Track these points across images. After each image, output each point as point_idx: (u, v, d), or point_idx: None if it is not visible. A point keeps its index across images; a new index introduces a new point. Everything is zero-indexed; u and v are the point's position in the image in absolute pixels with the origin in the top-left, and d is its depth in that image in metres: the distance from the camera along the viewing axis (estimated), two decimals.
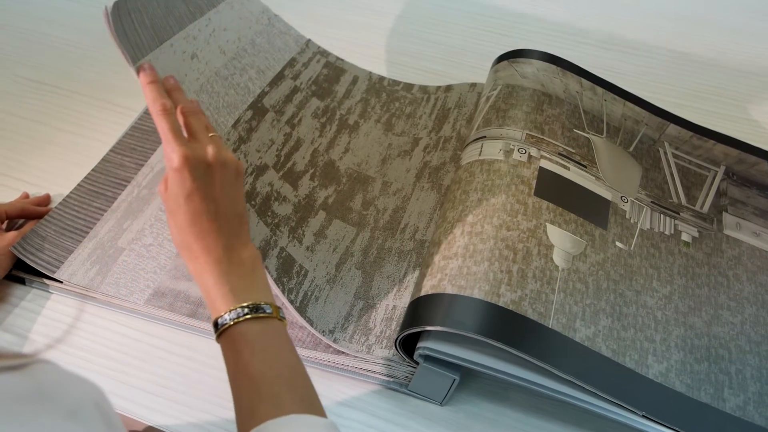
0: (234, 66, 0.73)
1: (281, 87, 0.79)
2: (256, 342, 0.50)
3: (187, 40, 0.66)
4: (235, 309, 0.50)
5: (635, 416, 0.56)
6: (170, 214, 0.53)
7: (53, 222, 0.74)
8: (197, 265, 0.52)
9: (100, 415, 0.35)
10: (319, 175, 0.75)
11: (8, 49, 1.03)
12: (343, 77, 0.89)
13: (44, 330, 0.67)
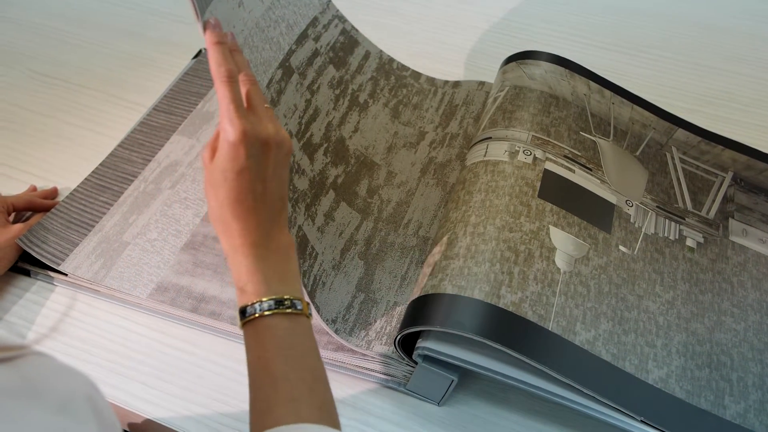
0: (270, 17, 0.68)
1: (305, 47, 0.75)
2: (283, 339, 0.48)
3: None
4: (266, 300, 0.49)
5: (634, 421, 0.55)
6: (212, 187, 0.50)
7: (59, 215, 0.75)
8: (232, 244, 0.50)
9: (91, 407, 0.35)
10: (332, 151, 0.74)
11: (22, 43, 1.04)
12: (357, 49, 0.86)
13: (47, 321, 0.67)
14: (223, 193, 0.49)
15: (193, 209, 0.76)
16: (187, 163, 0.81)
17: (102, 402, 0.37)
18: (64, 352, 0.65)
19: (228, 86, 0.49)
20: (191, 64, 0.96)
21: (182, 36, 1.04)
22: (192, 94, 0.91)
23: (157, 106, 0.89)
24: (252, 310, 0.48)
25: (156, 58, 1.00)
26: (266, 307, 0.48)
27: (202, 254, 0.71)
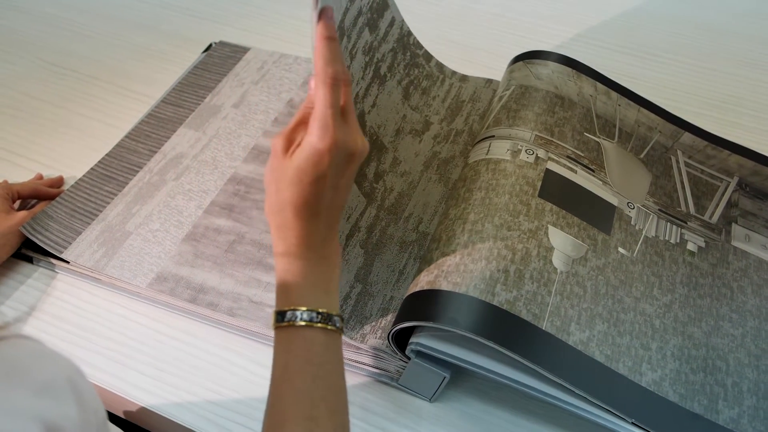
0: None
1: (354, 5, 0.70)
2: (316, 354, 0.47)
3: None
4: (310, 311, 0.48)
5: (625, 423, 0.55)
6: (280, 181, 0.48)
7: (64, 204, 0.76)
8: (286, 243, 0.49)
9: (72, 390, 0.36)
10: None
11: (33, 33, 1.05)
12: (386, 13, 0.81)
13: (47, 308, 0.68)
14: (293, 192, 0.48)
15: (196, 201, 0.76)
16: (192, 155, 0.82)
17: (84, 386, 0.38)
18: (62, 339, 0.65)
19: (331, 90, 0.46)
20: (201, 57, 0.97)
21: (193, 30, 1.05)
22: (201, 88, 0.92)
23: (166, 99, 0.90)
24: (292, 317, 0.47)
25: (166, 51, 1.01)
26: (307, 318, 0.47)
27: (203, 246, 0.72)
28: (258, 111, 0.88)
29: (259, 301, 0.66)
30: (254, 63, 0.95)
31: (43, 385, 0.34)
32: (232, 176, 0.79)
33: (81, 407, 0.36)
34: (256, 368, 0.63)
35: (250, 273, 0.69)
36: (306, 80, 0.91)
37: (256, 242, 0.72)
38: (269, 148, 0.81)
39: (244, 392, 0.61)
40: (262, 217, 0.74)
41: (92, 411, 0.38)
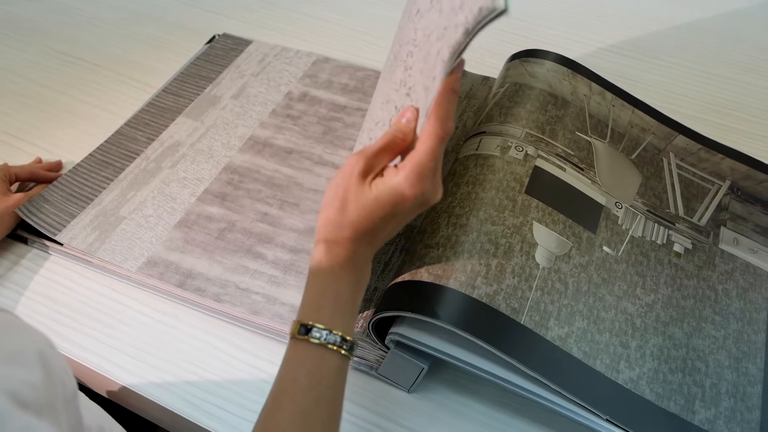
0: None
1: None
2: (326, 377, 0.47)
3: None
4: (336, 334, 0.47)
5: (599, 420, 0.55)
6: (349, 203, 0.48)
7: (60, 187, 0.77)
8: (332, 262, 0.49)
9: (40, 361, 0.37)
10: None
11: (42, 21, 1.06)
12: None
13: (39, 288, 0.69)
14: (360, 219, 0.48)
15: (189, 189, 0.77)
16: (189, 144, 0.83)
17: (55, 359, 0.39)
18: (52, 318, 0.66)
19: (441, 144, 0.46)
20: (204, 49, 0.98)
21: (198, 21, 1.06)
22: (202, 78, 0.93)
23: (167, 88, 0.91)
24: (318, 335, 0.47)
25: (170, 42, 1.02)
26: (331, 341, 0.47)
27: (194, 232, 0.73)
28: (256, 102, 0.88)
29: (245, 288, 0.67)
30: (256, 55, 0.96)
31: (9, 354, 0.35)
32: (226, 165, 0.80)
33: (48, 378, 0.37)
34: (237, 353, 0.64)
35: (238, 260, 0.70)
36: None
37: (246, 230, 0.73)
38: (265, 138, 0.82)
39: (225, 376, 0.62)
40: (253, 206, 0.75)
41: (60, 383, 0.38)
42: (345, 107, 0.88)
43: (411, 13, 0.61)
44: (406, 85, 0.54)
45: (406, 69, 0.55)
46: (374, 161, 0.48)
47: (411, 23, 0.59)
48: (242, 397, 0.61)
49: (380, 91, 0.63)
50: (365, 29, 1.04)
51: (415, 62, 0.53)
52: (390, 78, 0.59)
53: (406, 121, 0.49)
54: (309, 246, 0.71)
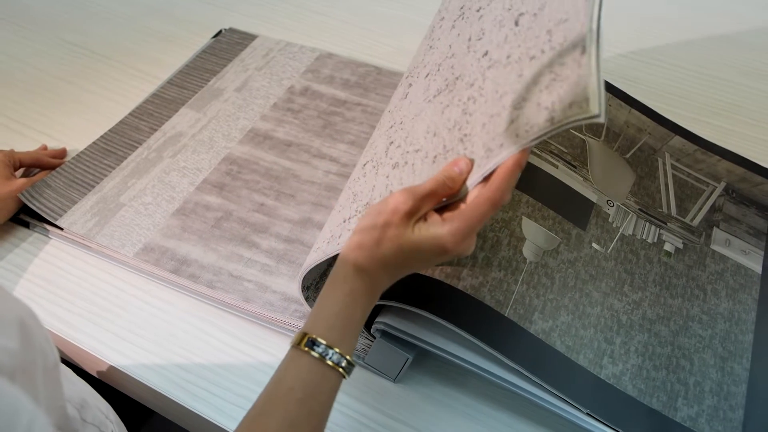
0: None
1: None
2: (322, 393, 0.47)
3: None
4: (341, 355, 0.47)
5: (580, 413, 0.56)
6: (387, 239, 0.47)
7: (63, 174, 0.79)
8: (356, 285, 0.48)
9: (20, 329, 0.38)
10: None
11: (57, 13, 1.09)
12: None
13: (38, 270, 0.71)
14: (395, 257, 0.48)
15: (189, 178, 0.79)
16: (190, 135, 0.84)
17: (36, 329, 0.40)
18: (48, 300, 0.68)
19: (493, 212, 0.47)
20: (210, 42, 1.00)
21: (205, 16, 1.08)
22: (206, 71, 0.94)
23: (172, 80, 0.93)
24: (323, 352, 0.47)
25: (178, 35, 1.04)
26: (335, 360, 0.47)
27: (191, 221, 0.74)
28: (258, 96, 0.90)
29: (238, 276, 0.68)
30: (260, 50, 0.98)
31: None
32: (226, 156, 0.81)
33: (26, 346, 0.38)
34: (228, 339, 0.65)
35: (232, 248, 0.71)
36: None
37: (242, 220, 0.74)
38: (265, 131, 0.84)
39: (214, 360, 0.63)
40: (250, 197, 0.76)
41: (40, 352, 0.39)
42: (345, 102, 0.89)
43: (472, 42, 0.60)
44: (462, 130, 0.53)
45: (465, 113, 0.54)
46: (421, 204, 0.48)
47: (474, 59, 0.58)
48: (229, 381, 0.62)
49: (421, 113, 0.61)
50: (370, 26, 1.05)
51: (478, 113, 0.53)
52: (439, 108, 0.58)
53: (458, 171, 0.49)
54: (303, 236, 0.72)
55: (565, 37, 0.50)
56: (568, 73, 0.47)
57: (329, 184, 0.78)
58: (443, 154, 0.53)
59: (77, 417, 0.49)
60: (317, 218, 0.74)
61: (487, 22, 0.60)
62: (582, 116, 0.43)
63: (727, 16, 1.08)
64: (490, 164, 0.48)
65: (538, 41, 0.52)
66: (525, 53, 0.52)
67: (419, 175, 0.54)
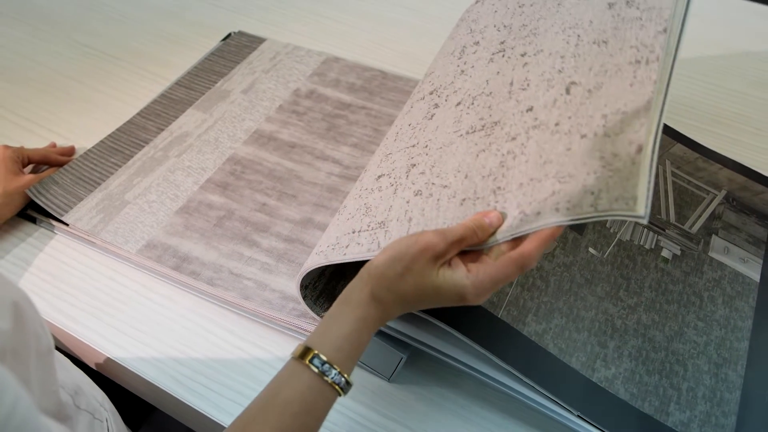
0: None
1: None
2: (318, 410, 0.47)
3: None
4: (342, 375, 0.48)
5: (571, 416, 0.56)
6: (410, 276, 0.48)
7: (70, 171, 0.80)
8: (366, 315, 0.49)
9: (14, 311, 0.39)
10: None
11: (69, 14, 1.11)
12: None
13: (43, 265, 0.72)
14: (415, 294, 0.49)
15: (193, 177, 0.80)
16: (196, 135, 0.85)
17: (30, 313, 0.41)
18: (52, 293, 0.69)
19: (519, 273, 0.49)
20: (219, 45, 1.01)
21: (216, 19, 1.09)
22: (214, 73, 0.95)
23: (180, 81, 0.94)
24: (327, 371, 0.47)
25: (188, 38, 1.05)
26: (337, 381, 0.47)
27: (193, 219, 0.75)
28: (265, 98, 0.91)
29: (238, 274, 0.69)
30: (268, 53, 0.99)
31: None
32: (231, 156, 0.82)
33: (19, 328, 0.39)
34: (226, 335, 0.66)
35: (234, 247, 0.72)
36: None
37: (244, 219, 0.75)
38: (270, 132, 0.85)
39: (212, 356, 0.64)
40: (253, 196, 0.77)
41: (33, 336, 0.40)
42: (350, 105, 0.90)
43: (514, 89, 0.61)
44: (497, 181, 0.54)
45: (502, 165, 0.55)
46: (450, 248, 0.49)
47: (516, 110, 0.59)
48: (227, 377, 0.63)
49: (451, 146, 0.61)
50: (378, 31, 1.06)
51: (517, 170, 0.54)
52: (473, 149, 0.59)
53: (489, 223, 0.50)
54: (303, 236, 0.73)
55: (622, 129, 0.51)
56: (620, 167, 0.48)
57: (331, 186, 0.79)
58: (472, 200, 0.54)
59: (71, 403, 0.50)
60: (318, 219, 0.75)
61: (534, 74, 0.61)
62: (626, 213, 0.45)
63: (734, 27, 1.08)
64: (523, 228, 0.49)
65: (591, 122, 0.53)
66: (576, 128, 0.53)
67: (443, 213, 0.55)
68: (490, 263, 0.49)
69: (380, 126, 0.86)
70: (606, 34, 0.60)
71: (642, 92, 0.53)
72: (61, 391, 0.48)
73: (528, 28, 0.67)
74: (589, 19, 0.63)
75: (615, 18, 0.62)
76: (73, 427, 0.49)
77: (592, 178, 0.48)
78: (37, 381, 0.41)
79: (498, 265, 0.48)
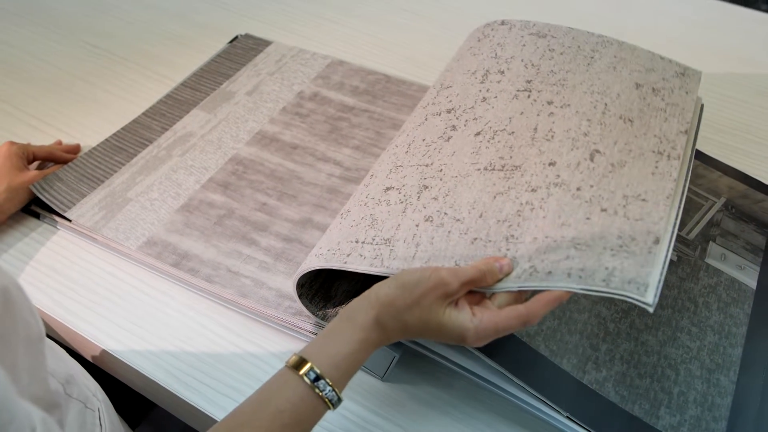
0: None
1: None
2: (307, 422, 0.48)
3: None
4: (334, 391, 0.48)
5: (561, 416, 0.56)
6: (417, 308, 0.50)
7: (74, 168, 0.81)
8: (367, 338, 0.50)
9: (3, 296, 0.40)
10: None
11: (81, 16, 1.12)
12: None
13: (45, 259, 0.73)
14: (418, 326, 0.50)
15: (195, 176, 0.81)
16: (200, 135, 0.86)
17: (20, 299, 0.42)
18: (52, 287, 0.70)
19: (521, 328, 0.51)
20: (225, 47, 1.02)
21: (223, 21, 1.11)
22: (220, 75, 0.97)
23: (185, 82, 0.96)
24: (322, 387, 0.48)
25: (196, 40, 1.06)
26: (329, 396, 0.48)
27: (194, 217, 0.76)
28: (269, 100, 0.92)
29: (236, 271, 0.70)
30: (274, 55, 1.00)
31: None
32: (233, 156, 0.83)
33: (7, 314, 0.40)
34: (222, 332, 0.67)
35: (233, 245, 0.73)
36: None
37: (243, 218, 0.76)
38: (273, 134, 0.86)
39: (208, 352, 0.65)
40: (254, 196, 0.78)
41: (22, 322, 0.41)
42: (353, 108, 0.90)
43: (537, 137, 0.62)
44: (511, 229, 0.56)
45: (519, 215, 0.57)
46: (460, 288, 0.51)
47: (538, 159, 0.60)
48: (222, 373, 0.63)
49: (467, 178, 0.62)
50: (383, 36, 1.07)
51: (533, 224, 0.56)
52: (491, 189, 0.60)
53: (499, 269, 0.52)
54: (302, 236, 0.74)
55: (641, 216, 0.54)
56: (636, 251, 0.51)
57: (331, 187, 0.79)
58: (484, 242, 0.56)
59: (61, 391, 0.51)
60: (317, 219, 0.75)
61: (559, 128, 0.63)
62: (636, 298, 0.47)
63: (742, 36, 1.08)
64: (532, 283, 0.51)
65: (612, 198, 0.56)
66: (597, 200, 0.56)
67: (453, 247, 0.56)
68: (495, 312, 0.51)
69: (382, 129, 0.87)
70: (632, 113, 0.64)
71: (663, 186, 0.57)
72: (51, 378, 0.49)
73: (556, 76, 0.69)
74: (617, 92, 0.66)
75: (641, 101, 0.66)
76: (63, 415, 0.50)
77: (608, 254, 0.51)
78: (25, 367, 0.42)
79: (503, 315, 0.50)
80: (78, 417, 0.51)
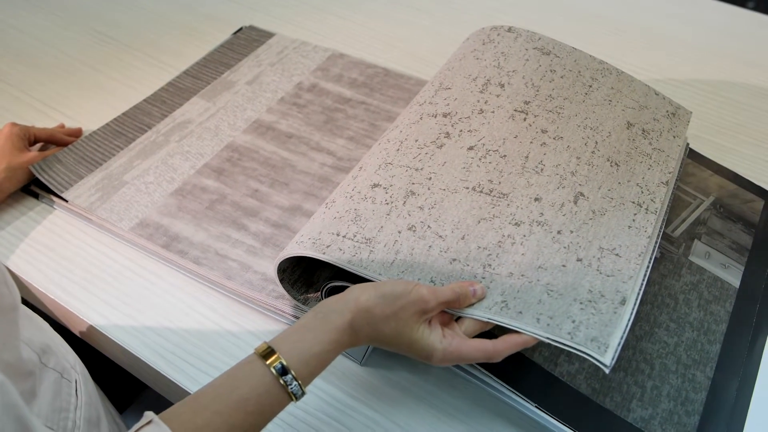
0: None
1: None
2: (270, 413, 0.49)
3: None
4: (300, 387, 0.49)
5: (531, 405, 0.57)
6: (393, 321, 0.51)
7: (74, 151, 0.83)
8: (340, 340, 0.51)
9: None
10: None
11: (91, 4, 1.15)
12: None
13: (41, 238, 0.75)
14: (390, 337, 0.52)
15: (191, 162, 0.82)
16: (198, 122, 0.88)
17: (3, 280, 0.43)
18: (46, 264, 0.72)
19: (483, 361, 0.53)
20: (229, 38, 1.04)
21: (229, 13, 1.12)
22: (222, 64, 0.98)
23: (187, 71, 0.97)
24: (289, 382, 0.48)
25: (201, 30, 1.08)
26: (294, 391, 0.49)
27: (187, 201, 0.78)
28: (268, 90, 0.93)
29: (224, 255, 0.72)
30: (276, 47, 1.02)
31: None
32: (229, 144, 0.85)
33: None
34: (208, 312, 0.68)
35: (223, 229, 0.74)
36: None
37: (235, 203, 0.77)
38: (269, 123, 0.87)
39: (193, 332, 0.66)
40: (246, 183, 0.80)
41: None
42: (350, 100, 0.91)
43: (527, 166, 0.65)
44: (489, 258, 0.59)
45: (500, 246, 0.60)
46: (437, 307, 0.53)
47: (525, 191, 0.63)
48: (205, 352, 0.65)
49: (455, 194, 0.63)
50: (385, 30, 1.08)
51: (511, 259, 0.59)
52: (476, 212, 0.62)
53: (473, 293, 0.55)
54: (291, 222, 0.75)
55: (612, 271, 0.57)
56: (603, 309, 0.54)
57: (323, 176, 0.81)
58: (462, 264, 0.59)
59: (36, 360, 0.52)
60: (307, 206, 0.77)
61: (549, 162, 0.66)
62: (595, 356, 0.51)
63: (741, 38, 1.08)
64: (501, 319, 0.54)
65: (589, 248, 0.59)
66: (574, 248, 0.59)
67: (432, 263, 0.59)
68: (464, 340, 0.53)
69: (377, 121, 0.88)
70: (619, 156, 0.67)
71: (637, 242, 0.60)
72: (23, 347, 0.51)
73: (554, 102, 0.71)
74: (608, 130, 0.69)
75: (630, 143, 0.69)
76: (36, 383, 0.51)
77: (577, 306, 0.54)
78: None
79: (471, 346, 0.53)
80: (53, 386, 0.53)
